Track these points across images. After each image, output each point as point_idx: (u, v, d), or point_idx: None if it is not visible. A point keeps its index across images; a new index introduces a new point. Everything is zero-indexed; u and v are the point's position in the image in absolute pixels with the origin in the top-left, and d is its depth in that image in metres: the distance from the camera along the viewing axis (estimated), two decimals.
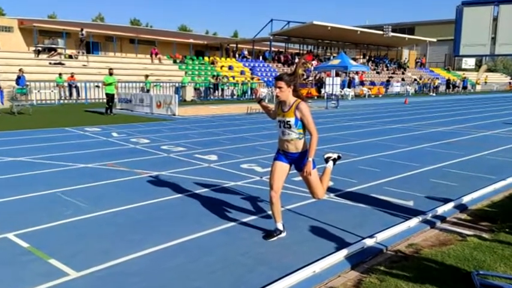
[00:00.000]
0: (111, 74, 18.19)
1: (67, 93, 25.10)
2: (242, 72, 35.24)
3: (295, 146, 4.16)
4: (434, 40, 51.35)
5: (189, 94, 27.91)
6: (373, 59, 49.71)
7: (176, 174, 7.03)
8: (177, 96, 18.88)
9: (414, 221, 4.82)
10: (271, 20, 40.47)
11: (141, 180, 6.65)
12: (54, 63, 27.92)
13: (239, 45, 45.12)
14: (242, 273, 3.58)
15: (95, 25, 46.97)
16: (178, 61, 34.55)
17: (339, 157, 4.89)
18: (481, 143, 10.81)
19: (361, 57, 50.46)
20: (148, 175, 6.95)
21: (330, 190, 5.80)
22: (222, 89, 30.59)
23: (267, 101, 20.58)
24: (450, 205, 5.41)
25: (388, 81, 42.29)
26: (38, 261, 3.76)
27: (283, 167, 4.24)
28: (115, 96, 18.75)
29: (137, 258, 3.85)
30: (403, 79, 45.37)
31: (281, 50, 45.92)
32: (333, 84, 24.54)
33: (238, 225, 4.70)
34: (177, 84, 28.07)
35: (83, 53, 31.68)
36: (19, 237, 4.27)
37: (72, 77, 25.28)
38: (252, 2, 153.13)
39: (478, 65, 61.28)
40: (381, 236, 4.36)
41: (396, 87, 41.14)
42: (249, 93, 31.08)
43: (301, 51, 46.49)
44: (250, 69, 36.60)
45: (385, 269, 3.65)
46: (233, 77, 33.00)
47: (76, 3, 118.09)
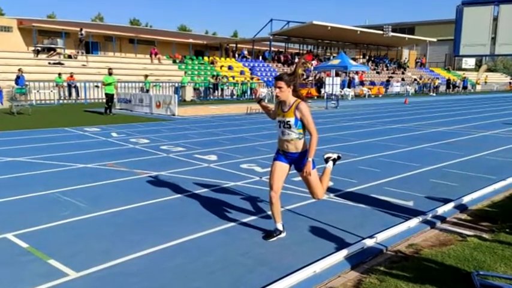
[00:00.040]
0: (110, 74, 18.16)
1: (66, 93, 25.07)
2: (242, 72, 35.23)
3: (295, 146, 4.16)
4: (435, 40, 51.31)
5: (189, 94, 27.88)
6: (373, 59, 49.69)
7: (176, 175, 7.02)
8: (176, 96, 18.87)
9: (414, 221, 4.81)
10: (271, 19, 40.48)
11: (141, 181, 6.64)
12: (54, 63, 27.91)
13: (239, 45, 45.10)
14: (242, 274, 3.57)
15: (94, 25, 46.94)
16: (177, 61, 34.53)
17: (339, 157, 4.89)
18: (481, 143, 10.81)
19: (361, 57, 50.46)
20: (147, 175, 6.94)
21: (329, 190, 5.80)
22: (222, 89, 30.57)
23: (266, 101, 20.57)
24: (450, 205, 5.41)
25: (388, 81, 42.28)
26: (37, 262, 3.76)
27: (283, 167, 4.23)
28: (114, 96, 18.73)
29: (137, 258, 3.85)
30: (403, 79, 45.37)
31: (281, 50, 45.90)
32: (332, 84, 24.50)
33: (238, 225, 4.70)
34: (176, 84, 28.05)
35: (82, 53, 31.65)
36: (18, 238, 4.27)
37: (71, 77, 25.26)
38: (252, 1, 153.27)
39: (478, 65, 61.24)
40: (381, 236, 4.36)
41: (396, 87, 41.10)
42: (249, 93, 31.07)
43: (301, 51, 46.48)
44: (250, 69, 36.58)
45: (385, 270, 3.64)
46: (233, 77, 32.98)
47: (75, 3, 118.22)
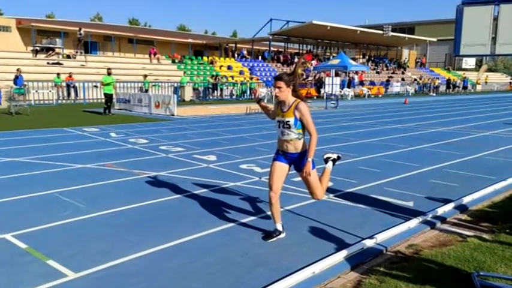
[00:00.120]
0: (109, 74, 18.14)
1: (65, 93, 25.05)
2: (241, 72, 35.21)
3: (295, 146, 4.14)
4: (435, 40, 51.28)
5: (188, 94, 27.85)
6: (372, 58, 49.70)
7: (175, 175, 7.01)
8: (175, 96, 18.86)
9: (414, 222, 4.80)
10: (271, 19, 40.45)
11: (140, 181, 6.62)
12: (52, 63, 27.88)
13: (238, 45, 45.09)
14: (241, 274, 3.56)
15: (93, 25, 46.92)
16: (177, 61, 34.52)
17: (339, 157, 4.88)
18: (481, 143, 10.81)
19: (361, 57, 50.44)
20: (146, 175, 6.93)
21: (329, 191, 5.79)
22: (221, 89, 30.56)
23: (266, 101, 20.58)
24: (450, 206, 5.40)
25: (388, 81, 42.28)
26: (36, 262, 3.74)
27: (282, 168, 4.22)
28: (113, 96, 18.71)
29: (136, 259, 3.83)
30: (403, 79, 45.38)
31: (280, 49, 45.87)
32: (332, 84, 24.47)
33: (237, 226, 4.68)
34: (175, 84, 28.02)
35: (81, 53, 31.63)
36: (17, 238, 4.25)
37: (70, 77, 25.23)
38: (251, 1, 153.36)
39: (478, 65, 61.20)
40: (381, 236, 4.35)
41: (396, 87, 41.10)
42: (248, 93, 31.04)
43: (301, 51, 46.48)
44: (249, 69, 36.56)
45: (385, 270, 3.63)
46: (232, 77, 32.97)
47: (74, 3, 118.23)
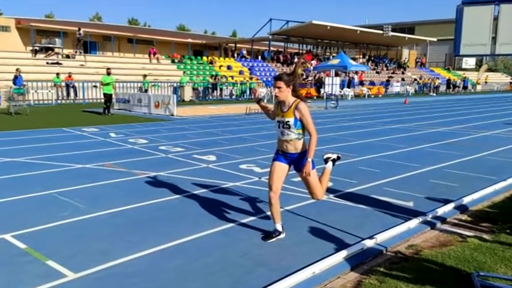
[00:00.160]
0: (109, 73, 18.12)
1: (64, 93, 25.03)
2: (241, 72, 35.20)
3: (295, 146, 4.14)
4: (435, 40, 51.24)
5: (188, 94, 27.84)
6: (372, 58, 49.70)
7: (174, 175, 7.00)
8: (175, 96, 18.85)
9: (414, 222, 4.79)
10: (270, 19, 40.43)
11: (139, 181, 6.62)
12: (52, 63, 27.87)
13: (238, 45, 45.09)
14: (241, 275, 3.55)
15: (93, 25, 46.92)
16: (176, 61, 34.51)
17: (339, 157, 4.87)
18: (482, 143, 10.80)
19: (361, 56, 50.45)
20: (146, 176, 6.92)
21: (329, 191, 5.78)
22: (221, 89, 30.55)
23: (266, 101, 20.57)
24: (450, 206, 5.39)
25: (388, 81, 42.28)
26: (35, 263, 3.73)
27: (282, 168, 4.21)
28: (113, 96, 18.70)
29: (135, 259, 3.83)
30: (403, 79, 45.39)
31: (280, 49, 45.87)
32: (332, 84, 24.46)
33: (237, 226, 4.68)
34: (175, 84, 28.01)
35: (81, 53, 31.63)
36: (16, 238, 4.24)
37: (69, 76, 25.21)
38: (251, 1, 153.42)
39: (478, 65, 61.17)
40: (381, 237, 4.34)
41: (396, 87, 41.08)
42: (248, 93, 31.03)
43: (301, 51, 46.48)
44: (249, 69, 36.55)
45: (385, 270, 3.63)
46: (232, 77, 32.97)
47: (73, 2, 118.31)
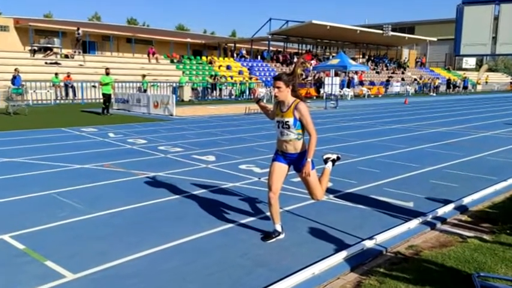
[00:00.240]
0: (107, 73, 18.10)
1: (63, 93, 25.02)
2: (240, 72, 35.19)
3: (294, 146, 4.12)
4: (435, 39, 51.20)
5: (187, 94, 27.83)
6: (372, 58, 49.71)
7: (173, 175, 6.98)
8: (174, 96, 18.82)
9: (414, 223, 4.78)
10: (270, 19, 40.36)
11: (138, 181, 6.60)
12: (50, 63, 27.84)
13: (237, 45, 45.09)
14: (240, 275, 3.54)
15: (92, 24, 46.86)
16: (175, 61, 34.48)
17: (338, 158, 4.86)
18: (482, 143, 10.79)
19: (361, 56, 50.44)
20: (145, 176, 6.90)
21: (329, 191, 5.77)
22: (220, 89, 30.53)
23: (265, 101, 20.56)
24: (450, 206, 5.38)
25: (387, 81, 42.28)
26: (34, 263, 3.72)
27: (281, 168, 4.20)
28: (112, 96, 18.68)
29: (134, 260, 3.81)
30: (403, 79, 45.40)
31: (280, 49, 45.87)
32: (332, 84, 24.44)
33: (237, 226, 4.66)
34: (174, 84, 28.00)
35: (79, 53, 31.61)
36: (15, 239, 4.23)
37: (68, 76, 25.20)
38: (251, 1, 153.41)
39: (478, 65, 61.10)
40: (381, 237, 4.33)
41: (396, 87, 41.08)
42: (247, 93, 31.02)
43: (300, 51, 46.51)
44: (249, 69, 36.55)
45: (385, 271, 3.61)
46: (231, 77, 32.95)
47: (72, 2, 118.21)
